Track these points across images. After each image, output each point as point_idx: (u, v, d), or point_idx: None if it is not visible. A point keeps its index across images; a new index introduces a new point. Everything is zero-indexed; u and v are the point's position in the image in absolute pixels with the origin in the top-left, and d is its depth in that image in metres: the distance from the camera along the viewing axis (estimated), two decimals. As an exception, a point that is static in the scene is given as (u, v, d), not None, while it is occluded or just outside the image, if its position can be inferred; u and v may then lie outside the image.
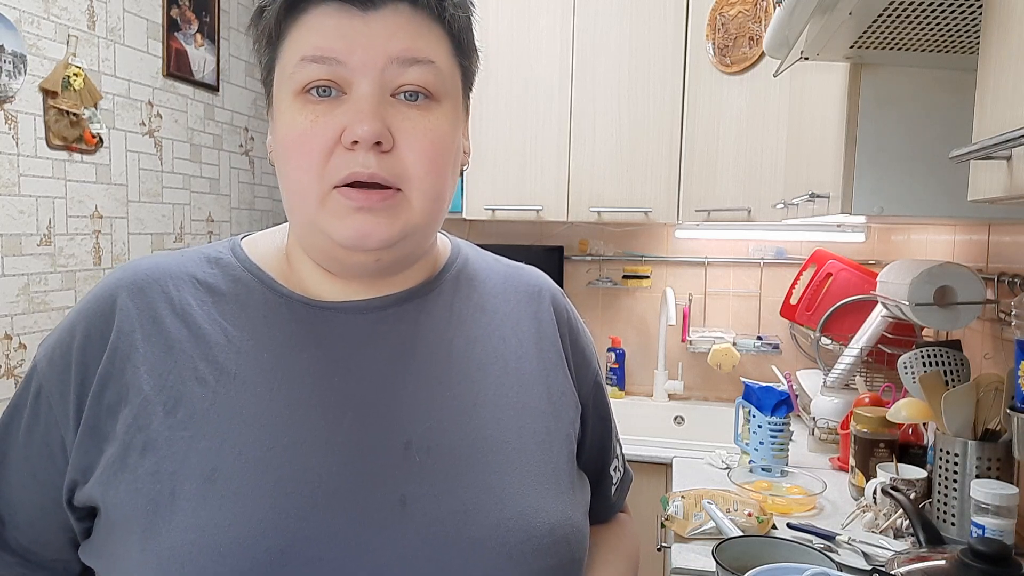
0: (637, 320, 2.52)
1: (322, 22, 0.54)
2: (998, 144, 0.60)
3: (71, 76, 1.85)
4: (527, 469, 0.59)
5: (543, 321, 0.69)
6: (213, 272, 0.61)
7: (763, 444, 1.67)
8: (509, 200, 2.26)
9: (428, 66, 0.55)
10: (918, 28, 0.99)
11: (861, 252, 2.25)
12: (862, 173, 1.22)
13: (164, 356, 0.56)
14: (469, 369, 0.62)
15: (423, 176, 0.56)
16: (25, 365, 1.77)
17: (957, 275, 1.38)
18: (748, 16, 1.99)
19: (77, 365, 0.56)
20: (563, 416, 0.65)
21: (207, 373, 0.56)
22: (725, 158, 2.06)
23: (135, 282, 0.59)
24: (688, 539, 1.33)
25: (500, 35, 2.24)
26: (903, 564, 1.03)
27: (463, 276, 0.68)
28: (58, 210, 1.85)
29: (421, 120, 0.55)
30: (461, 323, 0.64)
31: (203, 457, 0.53)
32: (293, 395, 0.56)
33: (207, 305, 0.59)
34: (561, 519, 0.59)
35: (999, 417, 1.26)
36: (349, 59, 0.53)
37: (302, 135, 0.54)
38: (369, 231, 0.55)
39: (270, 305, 0.60)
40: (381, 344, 0.60)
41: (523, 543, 0.55)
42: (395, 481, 0.55)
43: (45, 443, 0.57)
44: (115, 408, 0.55)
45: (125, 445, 0.54)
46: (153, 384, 0.55)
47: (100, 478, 0.54)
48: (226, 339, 0.58)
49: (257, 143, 2.79)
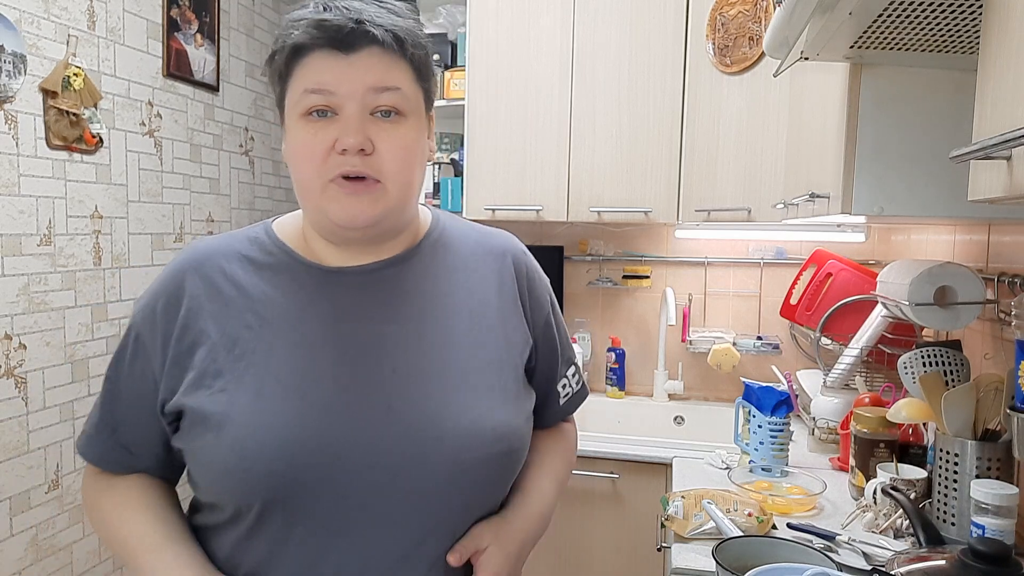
0: (637, 320, 2.52)
1: (318, 64, 0.75)
2: (998, 144, 0.60)
3: (71, 76, 1.85)
4: (480, 388, 0.82)
5: (504, 276, 0.90)
6: (252, 248, 0.84)
7: (763, 444, 1.67)
8: (509, 200, 2.26)
9: (396, 92, 0.76)
10: (918, 28, 0.99)
11: (861, 252, 2.25)
12: (862, 173, 1.22)
13: (223, 310, 0.80)
14: (443, 315, 0.84)
15: (396, 172, 0.77)
16: (25, 365, 1.77)
17: (957, 275, 1.38)
18: (748, 16, 1.99)
19: (161, 320, 0.81)
20: (513, 348, 0.87)
21: (252, 321, 0.79)
22: (725, 158, 2.06)
23: (196, 259, 0.83)
24: (688, 539, 1.33)
25: (500, 35, 2.24)
26: (903, 564, 1.03)
27: (440, 243, 0.89)
28: (58, 210, 1.85)
29: (393, 131, 0.76)
30: (436, 280, 0.86)
31: (253, 379, 0.77)
32: (313, 335, 0.79)
33: (250, 272, 0.82)
34: (503, 422, 0.82)
35: (999, 417, 1.26)
36: (338, 89, 0.74)
37: (306, 144, 0.75)
38: (357, 212, 0.76)
39: (294, 271, 0.82)
40: (374, 298, 0.82)
41: (473, 437, 0.78)
42: (383, 395, 0.78)
43: (142, 372, 0.81)
44: (192, 348, 0.79)
45: (201, 372, 0.78)
46: (217, 331, 0.79)
47: (185, 392, 0.78)
48: (264, 296, 0.81)
49: (257, 143, 2.79)
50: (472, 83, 2.27)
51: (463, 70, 2.32)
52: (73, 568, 1.95)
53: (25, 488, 1.79)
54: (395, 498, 0.76)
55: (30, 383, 1.79)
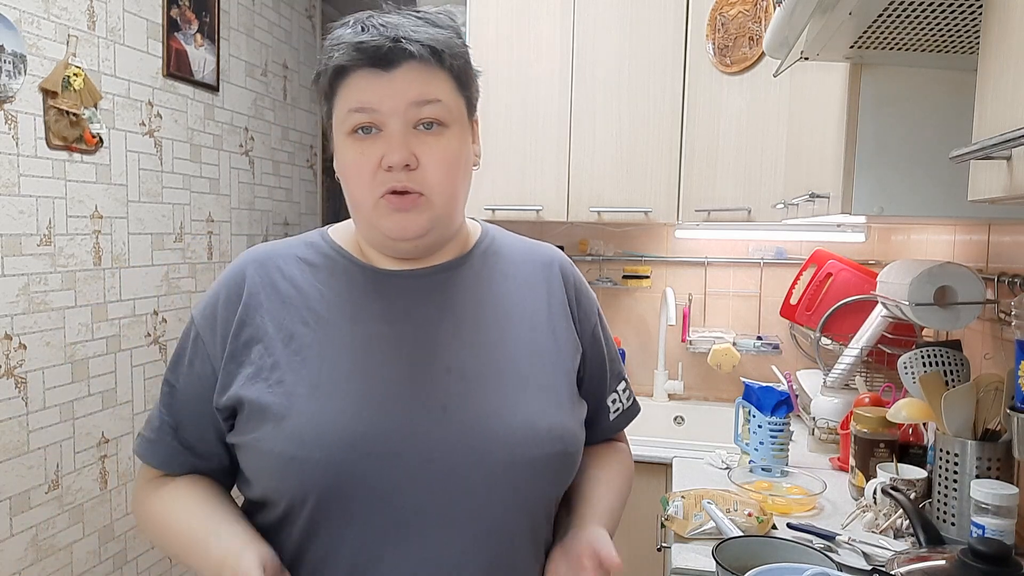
0: (637, 320, 2.52)
1: (360, 83, 0.77)
2: (998, 144, 0.60)
3: (71, 76, 1.85)
4: (535, 389, 0.82)
5: (553, 284, 0.91)
6: (309, 252, 0.87)
7: (763, 444, 1.67)
8: (509, 200, 2.26)
9: (437, 104, 0.77)
10: (918, 28, 0.99)
11: (861, 252, 2.25)
12: (862, 173, 1.22)
13: (280, 307, 0.82)
14: (496, 317, 0.85)
15: (440, 183, 0.78)
16: (25, 365, 1.77)
17: (957, 275, 1.38)
18: (748, 16, 1.99)
19: (221, 317, 0.82)
20: (565, 354, 0.87)
21: (309, 318, 0.81)
22: (725, 158, 2.06)
23: (257, 259, 0.86)
24: (688, 539, 1.33)
25: (500, 35, 2.24)
26: (903, 564, 1.03)
27: (490, 251, 0.90)
28: (58, 210, 1.85)
29: (436, 144, 0.78)
30: (489, 285, 0.87)
31: (310, 373, 0.78)
32: (368, 333, 0.81)
33: (307, 273, 0.84)
34: (558, 423, 0.82)
35: (999, 417, 1.26)
36: (381, 107, 0.76)
37: (354, 163, 0.78)
38: (406, 225, 0.78)
39: (350, 272, 0.85)
40: (429, 299, 0.83)
41: (529, 437, 0.78)
42: (439, 394, 0.78)
43: (202, 370, 0.82)
44: (250, 344, 0.80)
45: (259, 366, 0.79)
46: (275, 327, 0.81)
47: (243, 386, 0.79)
48: (320, 296, 0.83)
49: (257, 143, 2.79)
50: (472, 83, 2.27)
51: (463, 70, 2.32)
52: (73, 568, 1.95)
53: (25, 488, 1.79)
54: (450, 499, 0.76)
55: (30, 383, 1.79)
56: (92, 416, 2.00)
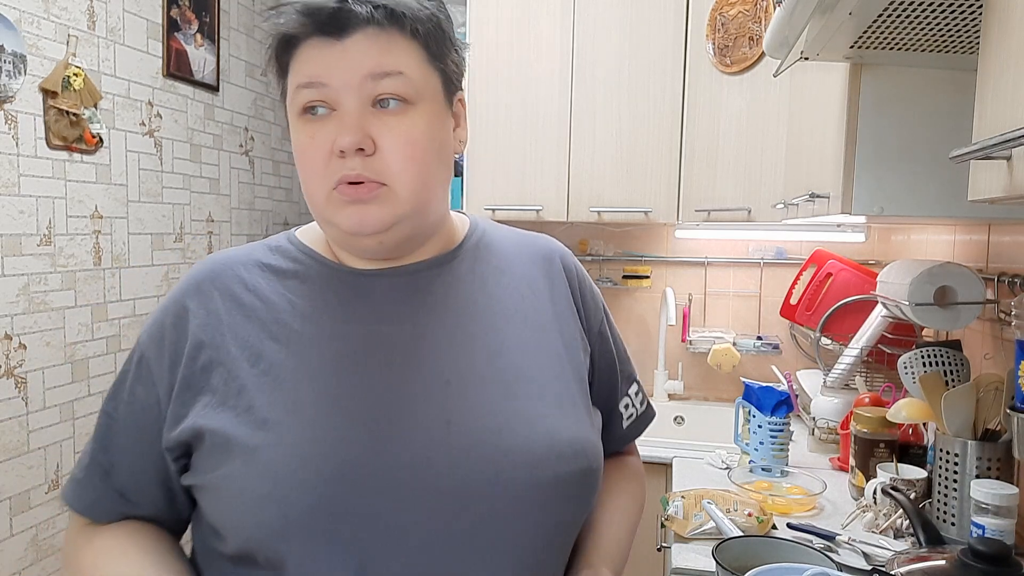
0: (637, 320, 2.52)
1: (309, 54, 0.66)
2: (998, 144, 0.60)
3: (71, 76, 1.85)
4: (548, 398, 0.72)
5: (555, 279, 0.81)
6: (275, 257, 0.75)
7: (763, 444, 1.67)
8: (509, 200, 2.26)
9: (397, 77, 0.66)
10: (918, 28, 0.99)
11: (861, 252, 2.25)
12: (862, 173, 1.22)
13: (244, 323, 0.70)
14: (494, 320, 0.74)
15: (403, 171, 0.66)
16: (25, 365, 1.77)
17: (957, 275, 1.38)
18: (748, 16, 1.99)
19: (170, 338, 0.71)
20: (575, 357, 0.78)
21: (279, 332, 0.70)
22: (725, 158, 2.06)
23: (212, 270, 0.74)
24: (688, 539, 1.33)
25: (500, 35, 2.24)
26: (903, 564, 1.03)
27: (481, 245, 0.80)
28: (58, 210, 1.85)
29: (397, 124, 0.66)
30: (484, 283, 0.76)
31: (286, 394, 0.66)
32: (350, 344, 0.70)
33: (273, 282, 0.73)
34: (579, 435, 0.72)
35: (999, 417, 1.26)
36: (332, 81, 0.65)
37: (304, 149, 0.68)
38: (363, 219, 0.67)
39: (324, 276, 0.73)
40: (417, 301, 0.73)
41: (548, 451, 0.68)
42: (440, 409, 0.67)
43: (146, 397, 0.71)
44: (209, 368, 0.69)
45: (224, 392, 0.67)
46: (238, 345, 0.69)
47: (203, 415, 0.67)
48: (291, 305, 0.72)
49: (257, 143, 2.79)
50: (472, 83, 2.27)
51: (463, 70, 2.32)
52: (73, 568, 1.95)
53: (25, 488, 1.79)
54: (464, 531, 0.64)
55: (30, 383, 1.79)
56: (92, 416, 2.00)
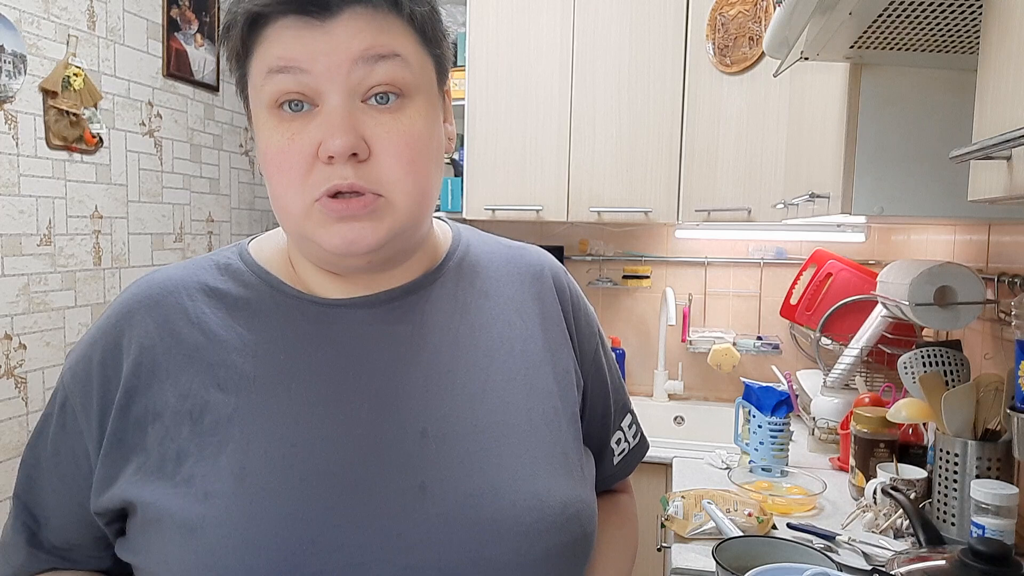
0: (637, 320, 2.52)
1: (282, 34, 0.54)
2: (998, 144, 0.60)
3: (71, 76, 1.85)
4: (538, 451, 0.61)
5: (546, 301, 0.71)
6: (224, 279, 0.63)
7: (763, 444, 1.67)
8: (509, 200, 2.26)
9: (394, 60, 0.55)
10: (918, 28, 0.99)
11: (861, 252, 2.25)
12: (862, 173, 1.22)
13: (185, 366, 0.59)
14: (476, 356, 0.64)
15: (403, 179, 0.56)
16: (25, 365, 1.77)
17: (957, 275, 1.38)
18: (748, 16, 1.99)
19: (99, 380, 0.59)
20: (569, 395, 0.67)
21: (226, 379, 0.59)
22: (725, 158, 2.06)
23: (151, 296, 0.62)
24: (688, 539, 1.33)
25: (500, 35, 2.24)
26: (903, 564, 1.03)
27: (465, 264, 0.69)
28: (58, 210, 1.85)
29: (394, 124, 0.56)
30: (466, 311, 0.66)
31: (232, 458, 0.56)
32: (311, 392, 0.59)
33: (221, 312, 0.61)
34: (572, 497, 0.61)
35: (999, 417, 1.26)
36: (313, 67, 0.54)
37: (280, 153, 0.56)
38: (355, 237, 0.56)
39: (281, 308, 0.62)
40: (390, 338, 0.62)
41: (537, 521, 0.58)
42: (413, 468, 0.57)
43: (71, 450, 0.60)
44: (143, 422, 0.58)
45: (160, 456, 0.57)
46: (178, 396, 0.58)
47: (134, 481, 0.57)
48: (242, 343, 0.60)
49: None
50: (472, 83, 2.27)
51: (463, 70, 2.32)
52: (73, 568, 1.95)
53: (25, 488, 1.79)
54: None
55: (30, 383, 1.79)
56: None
